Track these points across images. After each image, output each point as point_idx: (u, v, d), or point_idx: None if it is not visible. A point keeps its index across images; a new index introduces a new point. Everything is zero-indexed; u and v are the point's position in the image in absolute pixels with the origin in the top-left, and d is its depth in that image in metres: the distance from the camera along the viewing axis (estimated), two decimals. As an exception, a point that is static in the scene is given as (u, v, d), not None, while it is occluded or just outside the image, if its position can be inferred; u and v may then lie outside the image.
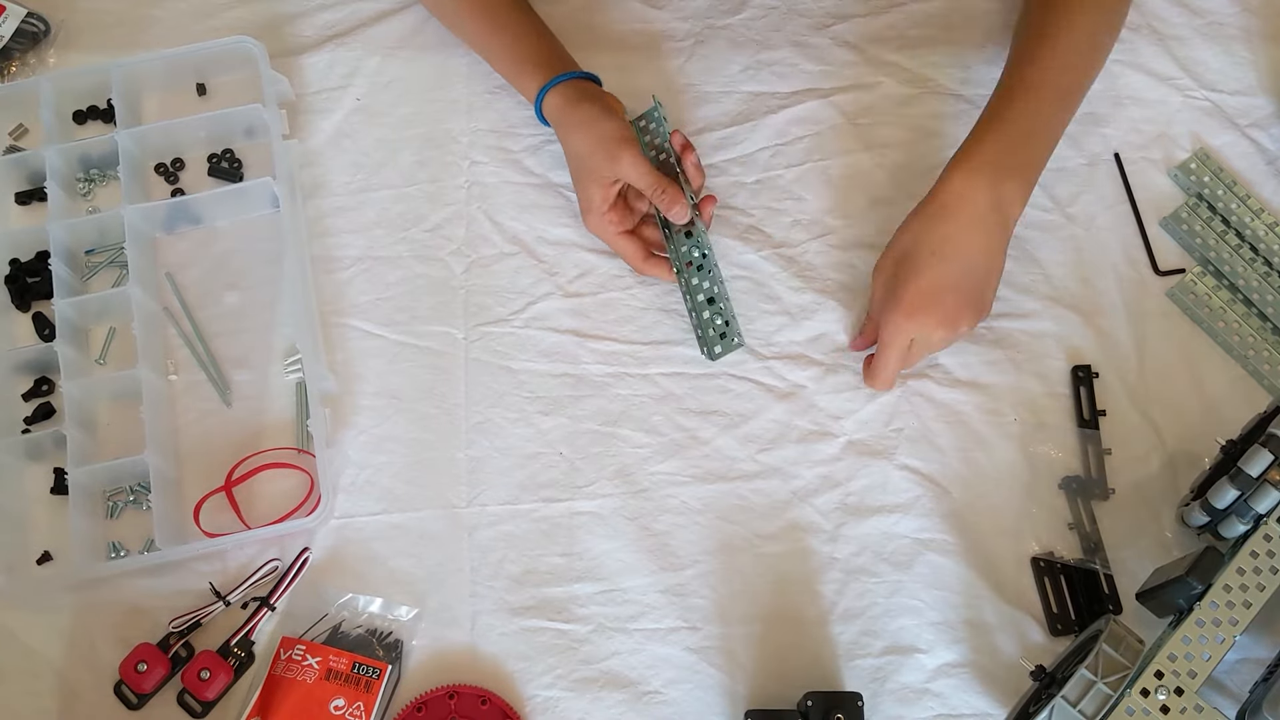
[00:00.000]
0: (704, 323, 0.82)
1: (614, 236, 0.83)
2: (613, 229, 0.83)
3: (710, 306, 0.82)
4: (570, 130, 0.83)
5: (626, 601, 0.78)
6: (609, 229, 0.83)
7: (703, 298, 0.82)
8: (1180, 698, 0.67)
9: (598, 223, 0.83)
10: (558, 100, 0.84)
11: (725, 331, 0.82)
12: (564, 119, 0.84)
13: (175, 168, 0.90)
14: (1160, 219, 0.88)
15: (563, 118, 0.84)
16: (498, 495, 0.81)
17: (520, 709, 0.75)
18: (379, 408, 0.83)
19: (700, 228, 0.83)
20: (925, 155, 0.90)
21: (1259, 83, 0.93)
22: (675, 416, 0.83)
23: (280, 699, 0.74)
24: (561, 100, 0.83)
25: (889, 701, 0.76)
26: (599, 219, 0.83)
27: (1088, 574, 0.78)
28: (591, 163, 0.81)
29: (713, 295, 0.82)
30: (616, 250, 0.85)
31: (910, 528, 0.80)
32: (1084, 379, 0.83)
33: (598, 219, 0.83)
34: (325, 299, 0.86)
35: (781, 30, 0.94)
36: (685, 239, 0.83)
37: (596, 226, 0.84)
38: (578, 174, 0.84)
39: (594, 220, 0.83)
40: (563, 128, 0.84)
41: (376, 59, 0.93)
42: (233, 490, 0.80)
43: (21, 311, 0.86)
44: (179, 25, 0.94)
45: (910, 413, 0.83)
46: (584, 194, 0.83)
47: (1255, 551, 0.71)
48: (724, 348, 0.82)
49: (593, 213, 0.83)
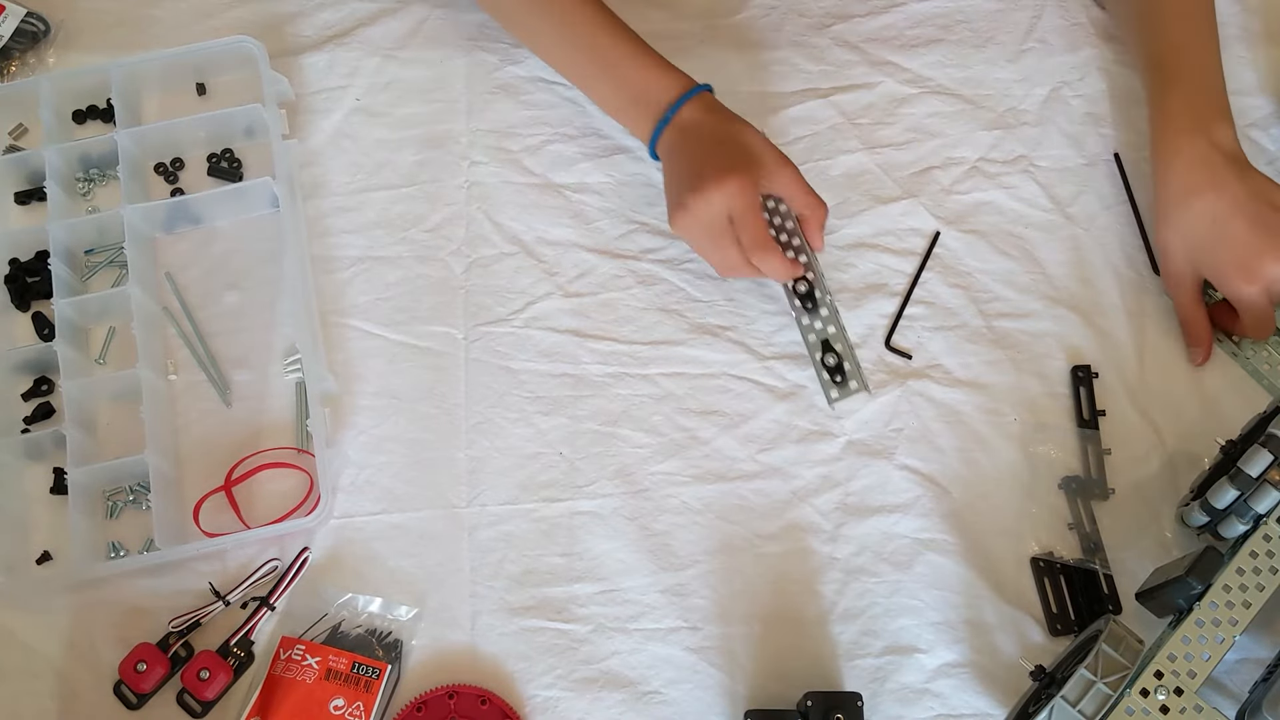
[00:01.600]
0: (818, 365, 0.80)
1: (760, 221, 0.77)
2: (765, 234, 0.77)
3: (824, 350, 0.80)
4: (731, 123, 0.80)
5: (626, 601, 0.78)
6: (758, 215, 0.76)
7: (814, 338, 0.80)
8: (1180, 698, 0.67)
9: (754, 208, 0.76)
10: (703, 108, 0.80)
11: (843, 376, 0.79)
12: (718, 111, 0.80)
13: (175, 167, 0.90)
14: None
15: (716, 110, 0.80)
16: (498, 495, 0.81)
17: (520, 709, 0.75)
18: (379, 408, 0.83)
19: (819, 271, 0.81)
20: (925, 155, 0.90)
21: (1258, 83, 0.93)
22: (675, 416, 0.83)
23: (280, 699, 0.74)
24: (710, 105, 0.81)
25: (889, 701, 0.76)
26: (755, 205, 0.76)
27: (1087, 574, 0.78)
28: (746, 156, 0.77)
29: (826, 336, 0.80)
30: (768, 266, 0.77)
31: (910, 528, 0.80)
32: (1084, 379, 0.83)
33: (754, 206, 0.76)
34: (325, 299, 0.86)
35: (781, 30, 0.94)
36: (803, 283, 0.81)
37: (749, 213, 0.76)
38: (725, 164, 0.76)
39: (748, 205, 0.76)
40: (710, 127, 0.80)
41: (376, 59, 0.93)
42: (232, 490, 0.80)
43: (21, 311, 0.86)
44: (179, 25, 0.94)
45: (910, 413, 0.83)
46: (735, 180, 0.76)
47: (1255, 551, 0.71)
48: (840, 394, 0.79)
49: (744, 199, 0.75)
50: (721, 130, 0.80)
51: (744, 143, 0.79)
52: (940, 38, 0.94)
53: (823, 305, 0.81)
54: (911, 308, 0.86)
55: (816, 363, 0.80)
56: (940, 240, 0.88)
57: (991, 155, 0.90)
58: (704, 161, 0.78)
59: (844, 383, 0.80)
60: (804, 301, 0.81)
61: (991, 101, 0.92)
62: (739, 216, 0.76)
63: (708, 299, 0.86)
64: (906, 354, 0.84)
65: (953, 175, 0.90)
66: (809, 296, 0.81)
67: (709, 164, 0.77)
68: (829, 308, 0.81)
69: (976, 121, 0.91)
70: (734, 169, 0.76)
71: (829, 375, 0.80)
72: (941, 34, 0.94)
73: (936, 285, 0.86)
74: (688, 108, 0.81)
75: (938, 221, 0.88)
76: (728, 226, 0.77)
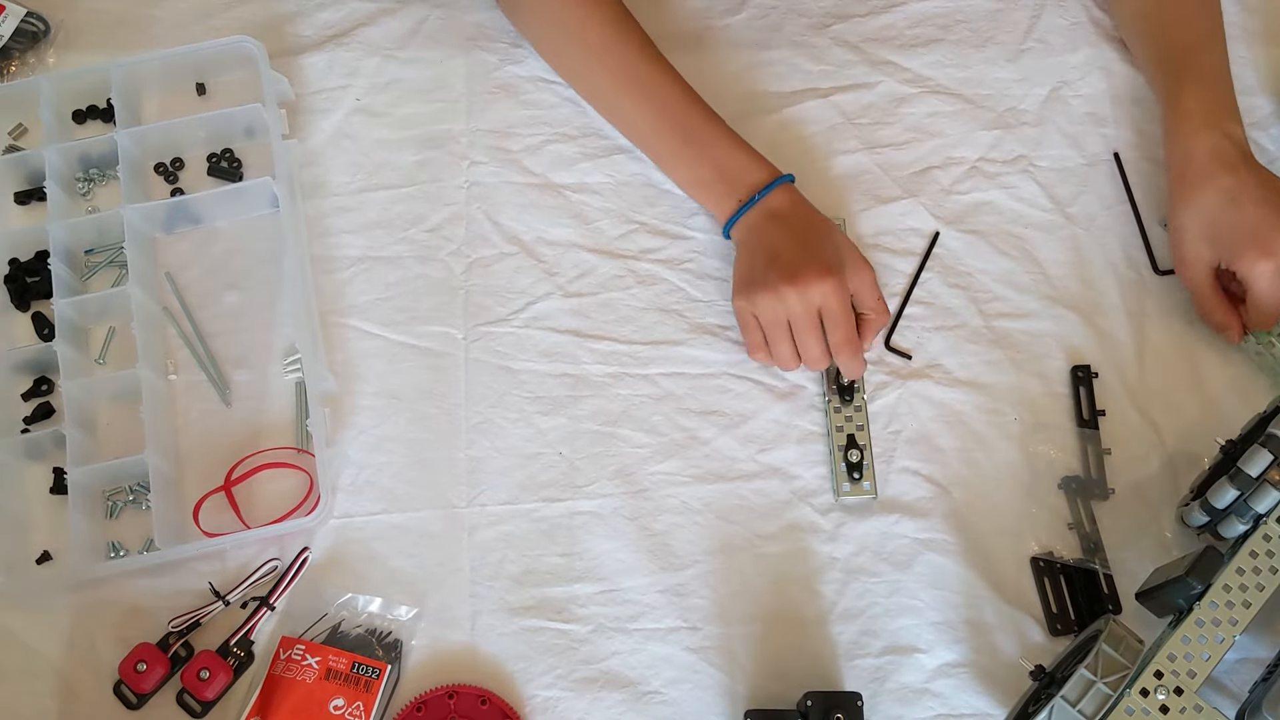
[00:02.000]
0: (838, 456, 0.80)
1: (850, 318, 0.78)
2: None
3: (849, 444, 0.80)
4: (819, 219, 0.81)
5: (626, 601, 0.78)
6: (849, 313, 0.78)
7: (841, 431, 0.81)
8: (1180, 697, 0.67)
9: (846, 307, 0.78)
10: (793, 197, 0.82)
11: (860, 474, 0.80)
12: (806, 205, 0.82)
13: (175, 167, 0.90)
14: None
15: (804, 203, 0.82)
16: (498, 495, 0.81)
17: (520, 709, 0.75)
18: (379, 408, 0.83)
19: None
20: (925, 155, 0.90)
21: (1259, 83, 0.93)
22: (675, 416, 0.83)
23: (280, 699, 0.74)
24: (799, 198, 0.82)
25: (889, 701, 0.76)
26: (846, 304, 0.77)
27: (1087, 574, 0.78)
28: (840, 264, 0.78)
29: (852, 432, 0.81)
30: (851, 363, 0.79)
31: (910, 528, 0.80)
32: (1083, 379, 0.83)
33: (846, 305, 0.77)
34: (325, 299, 0.86)
35: (781, 30, 0.94)
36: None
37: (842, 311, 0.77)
38: (819, 256, 0.78)
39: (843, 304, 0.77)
40: (807, 211, 0.81)
41: (376, 59, 0.93)
42: (232, 490, 0.80)
43: (21, 311, 0.86)
44: (179, 25, 0.94)
45: (910, 413, 0.83)
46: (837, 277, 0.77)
47: (1255, 551, 0.71)
48: (852, 490, 0.80)
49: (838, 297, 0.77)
50: (813, 223, 0.81)
51: (834, 240, 0.80)
52: (940, 37, 0.94)
53: (858, 402, 0.82)
54: (911, 307, 0.86)
55: (838, 452, 0.81)
56: (940, 240, 0.88)
57: (991, 155, 0.90)
58: (799, 252, 0.78)
59: (859, 481, 0.80)
60: (842, 394, 0.82)
61: (991, 101, 0.92)
62: (833, 314, 0.77)
63: (708, 299, 0.86)
64: (906, 354, 0.84)
65: (952, 175, 0.90)
66: (848, 390, 0.82)
67: (807, 255, 0.78)
68: (863, 408, 0.82)
69: (976, 121, 0.91)
70: (833, 268, 0.77)
71: (846, 470, 0.80)
72: (941, 34, 0.94)
73: (936, 285, 0.86)
74: (776, 195, 0.81)
75: (937, 221, 0.88)
76: (816, 320, 0.77)
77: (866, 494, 0.80)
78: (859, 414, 0.81)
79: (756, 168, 0.83)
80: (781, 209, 0.81)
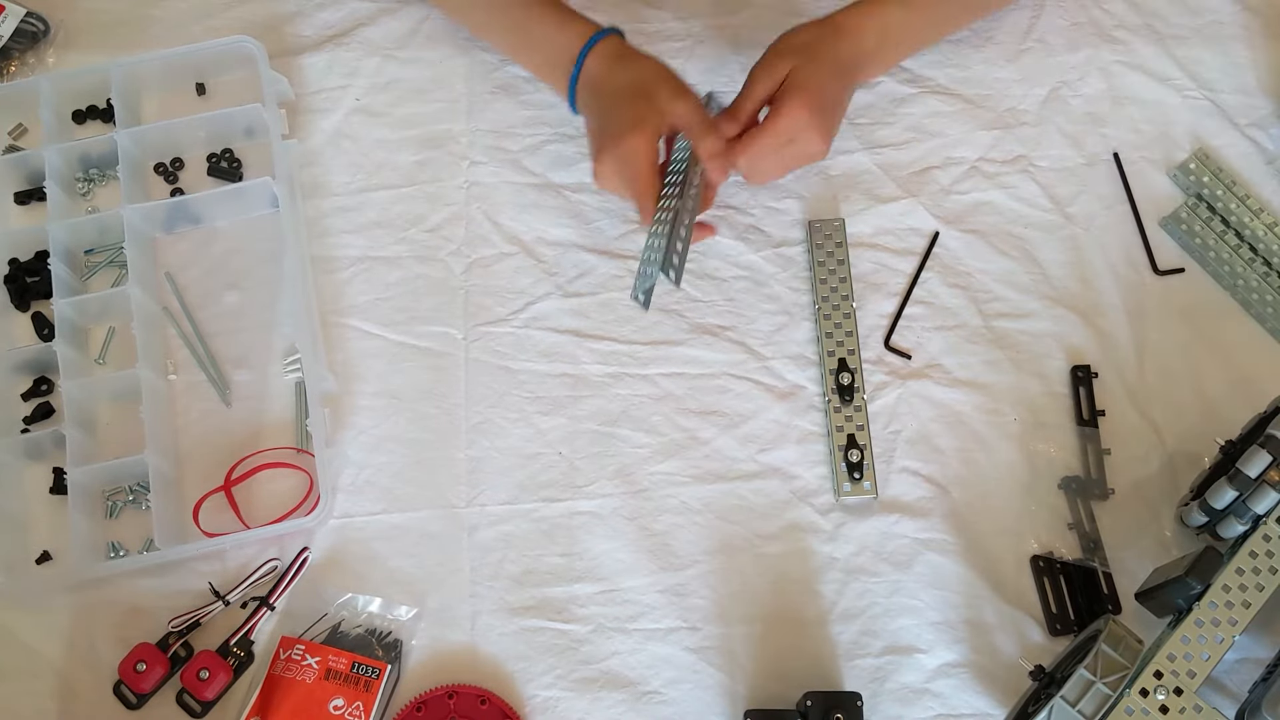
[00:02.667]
0: (838, 456, 0.80)
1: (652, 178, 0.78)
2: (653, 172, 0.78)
3: (849, 445, 0.80)
4: (629, 66, 0.80)
5: (626, 601, 0.78)
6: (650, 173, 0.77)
7: (842, 431, 0.80)
8: (1179, 698, 0.67)
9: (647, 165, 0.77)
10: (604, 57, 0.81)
11: (860, 474, 0.79)
12: (618, 56, 0.81)
13: (175, 167, 0.90)
14: (1160, 219, 0.88)
15: (617, 55, 0.81)
16: (497, 495, 0.81)
17: (520, 709, 0.75)
18: (378, 408, 0.83)
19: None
20: (925, 155, 0.90)
21: (1258, 83, 0.93)
22: (675, 416, 0.83)
23: (280, 699, 0.74)
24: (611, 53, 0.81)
25: (888, 701, 0.76)
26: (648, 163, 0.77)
27: (1087, 574, 0.78)
28: (645, 103, 0.78)
29: (853, 432, 0.80)
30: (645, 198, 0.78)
31: (910, 528, 0.80)
32: (1083, 379, 0.83)
33: (647, 163, 0.77)
34: (325, 299, 0.86)
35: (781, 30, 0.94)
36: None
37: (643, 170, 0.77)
38: (624, 121, 0.77)
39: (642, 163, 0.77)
40: (610, 79, 0.80)
41: (376, 59, 0.93)
42: (232, 490, 0.80)
43: (21, 311, 0.86)
44: (178, 25, 0.94)
45: (909, 413, 0.83)
46: (632, 141, 0.76)
47: (1254, 552, 0.71)
48: (853, 489, 0.79)
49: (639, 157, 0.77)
50: (622, 80, 0.80)
51: (642, 88, 0.79)
52: (940, 38, 0.94)
53: (857, 402, 0.81)
54: (911, 307, 0.86)
55: (838, 452, 0.80)
56: (940, 240, 0.88)
57: (991, 155, 0.90)
58: (609, 115, 0.79)
59: (859, 481, 0.80)
60: (842, 394, 0.81)
61: (991, 101, 0.92)
62: (628, 185, 0.78)
63: (708, 299, 0.86)
64: (906, 354, 0.84)
65: (952, 175, 0.90)
66: (849, 390, 0.81)
67: (602, 128, 0.79)
68: (863, 408, 0.81)
69: (976, 121, 0.91)
70: (631, 126, 0.77)
71: (846, 470, 0.80)
72: (941, 34, 0.94)
73: (936, 285, 0.86)
74: (592, 59, 0.81)
75: (937, 221, 0.88)
76: (629, 192, 0.79)
77: (867, 494, 0.80)
78: (859, 414, 0.81)
79: (572, 40, 0.82)
80: (597, 75, 0.81)
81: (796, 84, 0.79)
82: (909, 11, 0.84)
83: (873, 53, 0.83)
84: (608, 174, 0.79)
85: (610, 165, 0.78)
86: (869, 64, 0.84)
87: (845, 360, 0.83)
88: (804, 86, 0.78)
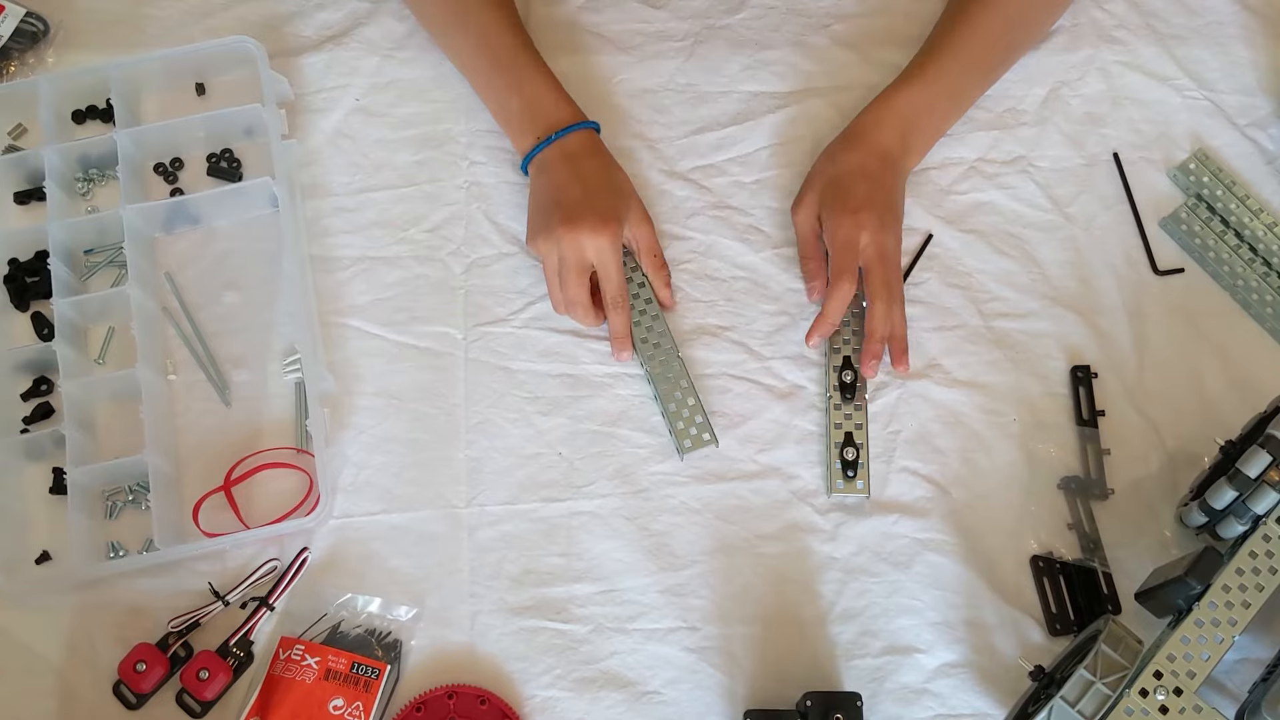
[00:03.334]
0: (833, 453, 0.80)
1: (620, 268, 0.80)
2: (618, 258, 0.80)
3: (846, 442, 0.80)
4: (613, 168, 0.84)
5: (626, 601, 0.78)
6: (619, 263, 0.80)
7: (840, 428, 0.81)
8: (1179, 698, 0.67)
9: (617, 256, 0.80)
10: (588, 143, 0.83)
11: (854, 472, 0.80)
12: (603, 153, 0.84)
13: (174, 167, 0.90)
14: (1159, 219, 0.88)
15: (601, 151, 0.84)
16: (497, 495, 0.81)
17: (519, 709, 0.75)
18: (378, 408, 0.83)
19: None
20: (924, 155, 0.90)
21: (1258, 83, 0.93)
22: (674, 416, 0.83)
23: (279, 699, 0.74)
24: (594, 143, 0.84)
25: (888, 701, 0.76)
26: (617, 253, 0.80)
27: (1087, 574, 0.78)
28: (621, 203, 0.81)
29: (850, 430, 0.81)
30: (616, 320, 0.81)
31: (909, 528, 0.80)
32: (1083, 379, 0.83)
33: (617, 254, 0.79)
34: (324, 299, 0.86)
35: (781, 30, 0.94)
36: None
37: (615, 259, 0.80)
38: (607, 205, 0.80)
39: (615, 253, 0.79)
40: (591, 162, 0.83)
41: (375, 59, 0.93)
42: (232, 490, 0.80)
43: (20, 311, 0.86)
44: (178, 25, 0.94)
45: (909, 413, 0.83)
46: (613, 227, 0.79)
47: (1254, 552, 0.71)
48: (845, 487, 0.80)
49: (617, 241, 0.79)
50: (603, 172, 0.83)
51: (620, 191, 0.82)
52: (940, 38, 0.94)
53: (858, 401, 0.81)
54: (911, 308, 0.85)
55: (833, 449, 0.80)
56: (939, 240, 0.88)
57: (990, 155, 0.90)
58: (582, 197, 0.80)
59: (852, 479, 0.80)
60: (843, 392, 0.81)
61: (990, 101, 0.92)
62: (604, 266, 0.80)
63: (708, 299, 0.86)
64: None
65: (951, 175, 0.90)
66: (850, 388, 0.81)
67: (586, 203, 0.80)
68: (864, 407, 0.81)
69: (974, 121, 0.91)
70: (610, 218, 0.79)
71: (840, 467, 0.80)
72: (941, 34, 0.94)
73: (935, 285, 0.86)
74: (575, 137, 0.83)
75: (936, 221, 0.88)
76: (588, 270, 0.80)
77: (859, 492, 0.80)
78: (859, 412, 0.81)
79: (562, 108, 0.84)
80: (576, 151, 0.82)
81: (829, 206, 0.81)
82: (925, 94, 0.85)
83: (897, 146, 0.84)
84: (561, 252, 0.79)
85: (571, 245, 0.79)
86: (899, 157, 0.84)
87: (850, 358, 0.82)
88: (837, 204, 0.81)
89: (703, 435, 0.80)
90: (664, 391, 0.81)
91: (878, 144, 0.83)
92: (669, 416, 0.81)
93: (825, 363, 0.83)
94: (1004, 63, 0.90)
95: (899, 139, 0.84)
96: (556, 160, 0.82)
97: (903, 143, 0.84)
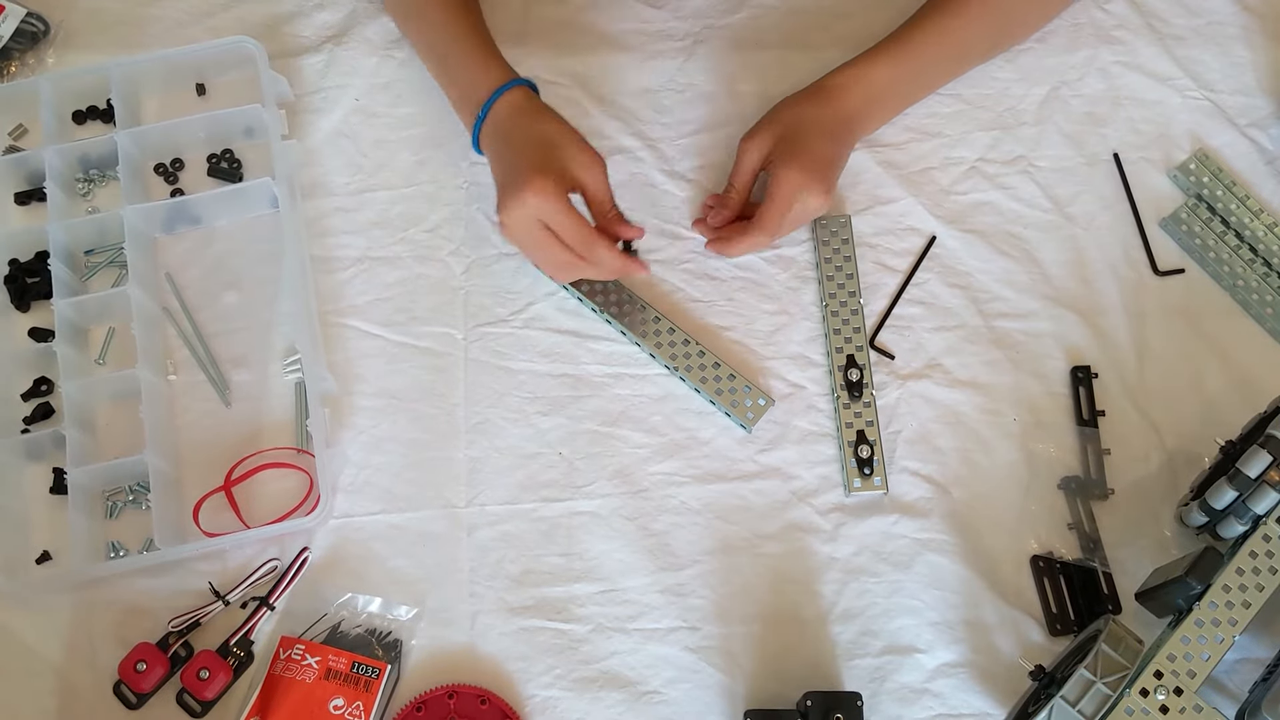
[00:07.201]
0: (848, 452, 0.81)
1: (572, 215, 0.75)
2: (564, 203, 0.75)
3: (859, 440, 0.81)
4: (540, 120, 0.79)
5: (626, 601, 0.78)
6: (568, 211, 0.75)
7: (852, 426, 0.81)
8: (1179, 698, 0.67)
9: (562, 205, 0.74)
10: (514, 106, 0.80)
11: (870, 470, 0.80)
12: (530, 109, 0.80)
13: (175, 168, 0.90)
14: (1160, 219, 0.88)
15: (529, 108, 0.80)
16: (497, 495, 0.81)
17: (519, 709, 0.75)
18: (378, 408, 0.83)
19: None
20: (924, 155, 0.90)
21: (1258, 83, 0.93)
22: (675, 417, 0.83)
23: (279, 698, 0.74)
24: (520, 104, 0.80)
25: (888, 701, 0.76)
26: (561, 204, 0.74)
27: (1087, 574, 0.78)
28: (552, 154, 0.76)
29: (862, 428, 0.81)
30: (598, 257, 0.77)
31: (910, 528, 0.80)
32: (1083, 379, 0.83)
33: (561, 204, 0.74)
34: (324, 299, 0.86)
35: (779, 30, 0.94)
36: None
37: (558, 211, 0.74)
38: (529, 167, 0.75)
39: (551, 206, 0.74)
40: (517, 128, 0.79)
41: (375, 59, 0.93)
42: (232, 490, 0.80)
43: (21, 311, 0.86)
44: (178, 25, 0.94)
45: (910, 413, 0.83)
46: (539, 182, 0.74)
47: (1254, 552, 0.71)
48: (863, 484, 0.80)
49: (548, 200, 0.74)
50: (529, 128, 0.79)
51: (551, 141, 0.77)
52: (940, 38, 0.94)
53: (866, 399, 0.81)
54: (911, 308, 0.86)
55: (848, 448, 0.81)
56: (939, 240, 0.88)
57: (990, 155, 0.90)
58: (513, 164, 0.77)
59: (870, 476, 0.80)
60: (850, 390, 0.81)
61: (990, 101, 0.92)
62: (551, 218, 0.75)
63: (707, 299, 0.86)
64: (889, 354, 0.84)
65: (951, 175, 0.90)
66: (857, 386, 0.81)
67: (517, 167, 0.76)
68: (872, 404, 0.81)
69: (975, 121, 0.91)
70: (538, 170, 0.74)
71: (857, 465, 0.80)
72: (941, 34, 0.94)
73: (936, 285, 0.86)
74: (501, 104, 0.80)
75: (937, 221, 0.88)
76: (543, 230, 0.75)
77: (878, 489, 0.80)
78: (868, 410, 0.81)
79: (485, 80, 0.81)
80: (505, 120, 0.79)
81: (786, 152, 0.81)
82: (897, 69, 0.86)
83: (861, 112, 0.85)
84: (513, 226, 0.76)
85: (516, 212, 0.75)
86: (859, 123, 0.86)
87: (854, 356, 0.82)
88: (793, 152, 0.81)
89: (758, 401, 0.81)
90: (701, 381, 0.82)
91: (843, 107, 0.84)
92: (719, 402, 0.81)
93: (828, 363, 0.83)
94: (985, 53, 0.90)
95: (863, 105, 0.85)
96: (489, 137, 0.81)
97: (865, 110, 0.85)
